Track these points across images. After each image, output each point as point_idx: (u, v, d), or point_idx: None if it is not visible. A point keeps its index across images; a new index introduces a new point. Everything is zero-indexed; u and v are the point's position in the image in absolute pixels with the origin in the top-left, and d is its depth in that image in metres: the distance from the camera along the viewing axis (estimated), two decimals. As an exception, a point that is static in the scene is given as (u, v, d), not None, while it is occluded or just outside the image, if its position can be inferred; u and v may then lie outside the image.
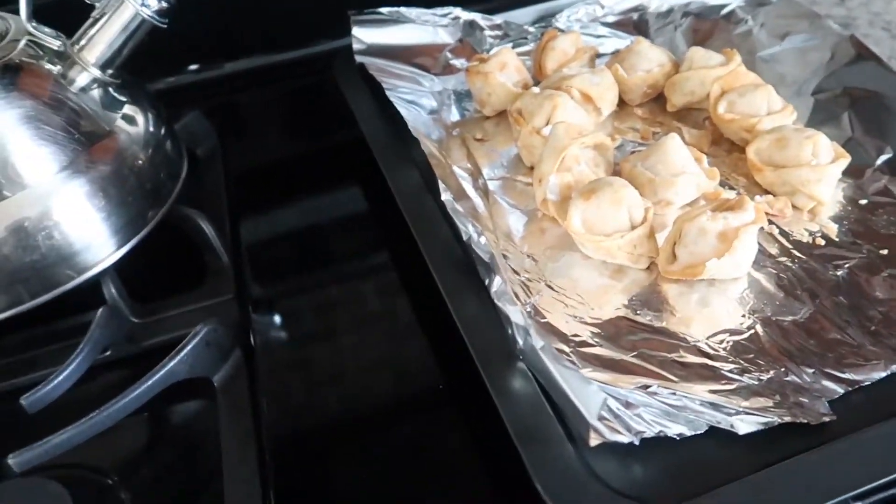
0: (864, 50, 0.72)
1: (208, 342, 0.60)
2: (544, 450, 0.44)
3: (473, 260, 0.56)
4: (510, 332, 0.49)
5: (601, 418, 0.44)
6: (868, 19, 0.97)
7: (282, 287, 0.73)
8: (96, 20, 0.66)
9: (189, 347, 0.59)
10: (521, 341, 0.48)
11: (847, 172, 0.65)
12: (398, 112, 0.74)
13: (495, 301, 0.50)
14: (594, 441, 0.42)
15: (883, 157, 0.65)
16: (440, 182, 0.61)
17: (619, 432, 0.44)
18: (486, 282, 0.52)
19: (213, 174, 0.86)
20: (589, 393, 0.44)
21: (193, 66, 1.02)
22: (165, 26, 0.67)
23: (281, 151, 0.94)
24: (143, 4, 0.65)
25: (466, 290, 0.55)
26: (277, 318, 0.69)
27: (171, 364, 0.58)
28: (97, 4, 0.66)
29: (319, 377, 0.62)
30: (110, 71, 0.67)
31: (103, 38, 0.65)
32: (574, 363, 0.50)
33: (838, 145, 0.64)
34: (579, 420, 0.43)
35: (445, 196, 0.59)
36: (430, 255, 0.58)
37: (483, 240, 0.56)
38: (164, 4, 0.67)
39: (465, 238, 0.56)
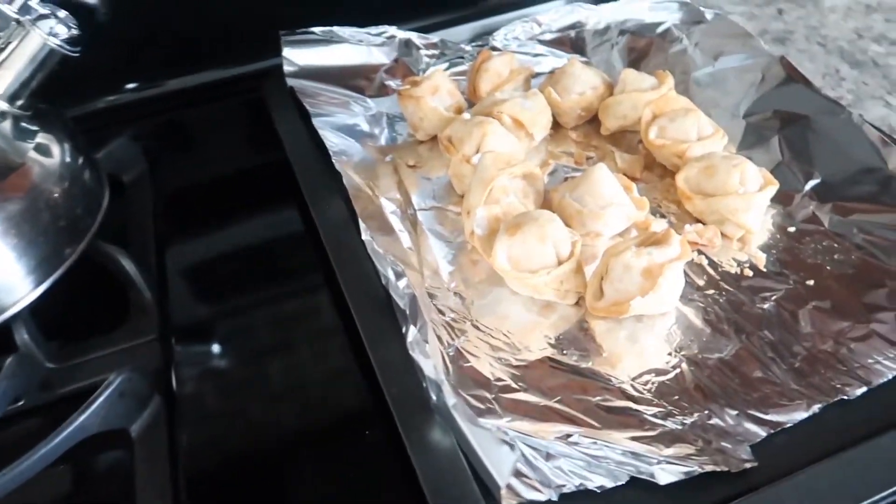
0: (794, 72, 0.72)
1: (122, 392, 0.57)
2: (460, 511, 0.42)
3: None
4: (425, 385, 0.47)
5: (518, 474, 0.43)
6: (805, 34, 0.97)
7: (210, 317, 0.70)
8: (0, 50, 0.63)
9: (100, 400, 0.56)
10: (434, 397, 0.46)
11: (777, 199, 0.65)
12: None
13: (409, 353, 0.48)
14: (507, 503, 0.41)
15: (811, 183, 0.65)
16: (360, 221, 0.59)
17: (536, 489, 0.43)
18: (404, 330, 0.50)
19: (139, 202, 0.83)
20: (501, 454, 0.42)
21: (131, 85, 0.98)
22: (77, 55, 0.64)
23: (215, 173, 0.90)
24: (50, 34, 0.62)
25: (388, 334, 0.53)
26: (204, 352, 0.67)
27: (81, 419, 0.55)
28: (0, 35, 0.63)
29: (246, 418, 0.59)
30: (20, 102, 0.64)
31: (10, 70, 0.62)
32: (495, 412, 0.49)
33: (767, 172, 0.64)
34: (491, 481, 0.41)
35: (365, 236, 0.57)
36: (352, 296, 0.56)
37: (403, 282, 0.54)
38: (75, 32, 0.64)
39: (383, 282, 0.54)
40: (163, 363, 0.63)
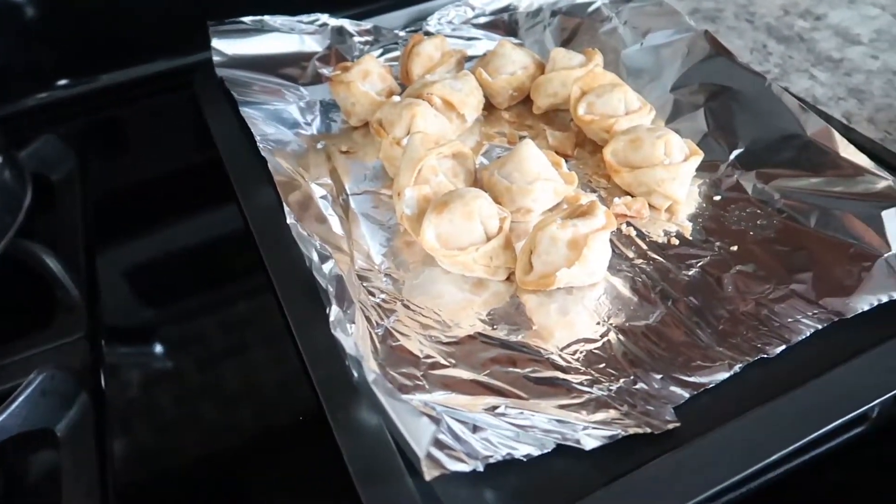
0: (718, 46, 0.73)
1: (44, 391, 0.56)
2: (384, 486, 0.42)
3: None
4: (347, 363, 0.47)
5: (443, 446, 0.43)
6: (734, 11, 0.99)
7: (146, 318, 0.69)
8: None
9: (21, 399, 0.54)
10: (355, 374, 0.46)
11: (703, 169, 0.66)
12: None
13: (332, 331, 0.47)
14: (429, 474, 0.40)
15: (735, 153, 0.66)
16: (286, 206, 0.58)
17: (461, 460, 0.42)
18: (327, 311, 0.50)
19: (68, 201, 0.81)
20: (421, 425, 0.42)
21: (62, 82, 0.95)
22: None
23: (151, 171, 0.88)
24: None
25: (315, 317, 0.52)
26: (136, 354, 0.65)
27: (1, 418, 0.53)
28: None
29: (181, 419, 0.58)
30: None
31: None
32: (423, 388, 0.49)
33: (692, 143, 0.65)
34: (413, 454, 0.41)
35: (290, 220, 0.57)
36: (279, 282, 0.56)
37: (329, 264, 0.54)
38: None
39: (308, 264, 0.54)
40: (90, 362, 0.61)
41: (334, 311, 0.48)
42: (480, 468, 0.43)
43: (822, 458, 0.48)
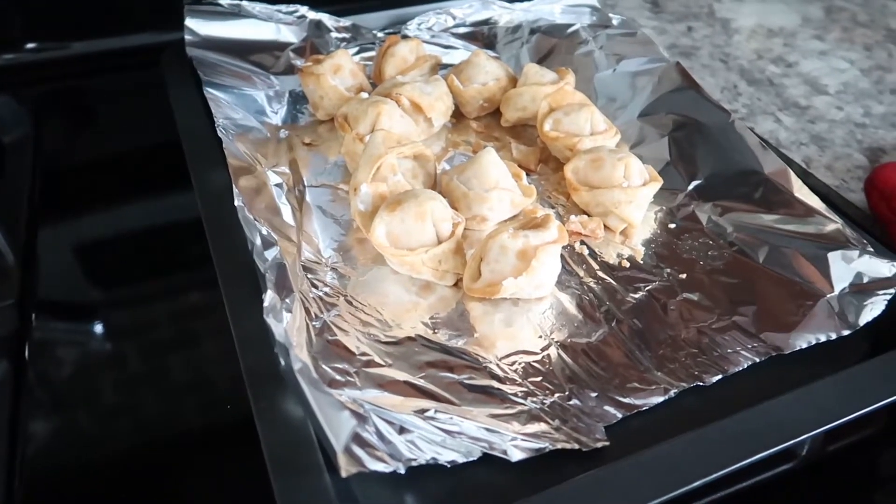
0: (688, 78, 0.74)
1: (-38, 353, 0.53)
2: (298, 479, 0.40)
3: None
4: (276, 350, 0.46)
5: (366, 445, 0.42)
6: (710, 51, 1.01)
7: (83, 296, 0.66)
8: None
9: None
10: (282, 362, 0.44)
11: (661, 196, 0.66)
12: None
13: (264, 317, 0.46)
14: (346, 471, 0.39)
15: (694, 183, 0.67)
16: (235, 188, 0.57)
17: (382, 461, 0.41)
18: (263, 296, 0.48)
19: (18, 165, 0.78)
20: (342, 419, 0.41)
21: (31, 45, 0.93)
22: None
23: (107, 147, 0.87)
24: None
25: (253, 305, 0.50)
26: (68, 330, 0.63)
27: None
28: None
29: (106, 401, 0.56)
30: None
31: None
32: (354, 384, 0.47)
33: (653, 169, 0.65)
34: (331, 449, 0.40)
35: (238, 202, 0.55)
36: (220, 266, 0.54)
37: (273, 251, 0.53)
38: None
39: (249, 247, 0.52)
40: (15, 330, 0.59)
41: (269, 297, 0.47)
42: (402, 470, 0.42)
43: (749, 491, 0.48)
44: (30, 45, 0.93)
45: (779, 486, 0.50)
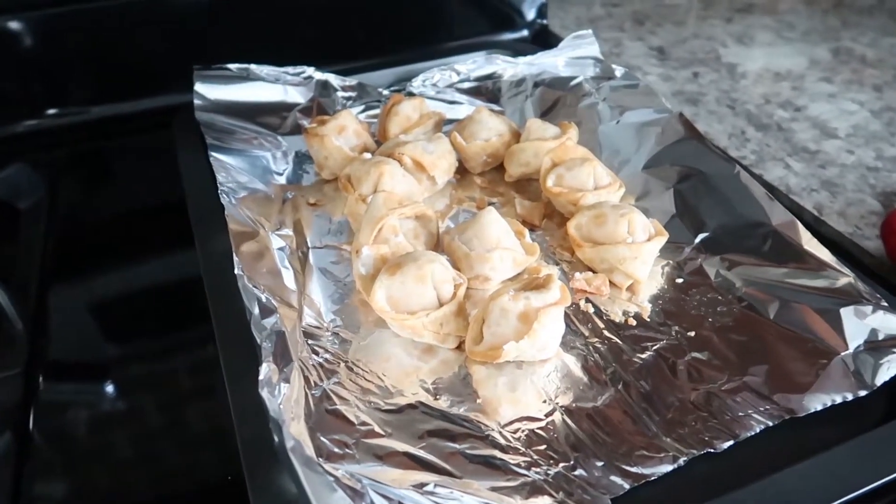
0: (691, 129, 0.73)
1: (-36, 427, 0.53)
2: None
3: (260, 342, 0.51)
4: (270, 426, 0.45)
5: (364, 523, 0.41)
6: (716, 97, 1.00)
7: (91, 357, 0.67)
8: None
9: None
10: (276, 438, 0.44)
11: (668, 250, 0.65)
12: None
13: (259, 391, 0.45)
14: (339, 555, 0.38)
15: (700, 236, 0.66)
16: (235, 256, 0.57)
17: (380, 540, 0.40)
18: (259, 368, 0.48)
19: (32, 231, 0.80)
20: (332, 502, 0.40)
21: (51, 111, 0.95)
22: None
23: (119, 208, 0.88)
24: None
25: (251, 375, 0.50)
26: (74, 392, 0.63)
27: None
28: None
29: (108, 462, 0.55)
30: None
31: None
32: (353, 457, 0.47)
33: (658, 223, 0.64)
34: (324, 531, 0.39)
35: (237, 271, 0.55)
36: (221, 334, 0.54)
37: (272, 319, 0.52)
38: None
39: (248, 318, 0.52)
40: (22, 400, 0.59)
41: (264, 370, 0.47)
42: (398, 549, 0.40)
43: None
44: (46, 112, 0.95)
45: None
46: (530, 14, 1.14)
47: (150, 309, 0.71)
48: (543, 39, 1.13)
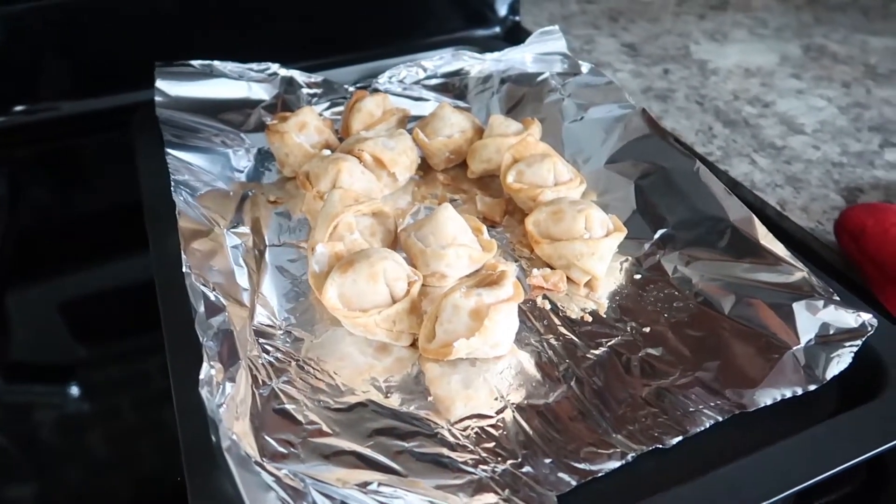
0: (654, 124, 0.73)
1: None
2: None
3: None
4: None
5: (304, 523, 0.40)
6: (685, 93, 1.00)
7: (55, 360, 0.66)
8: None
9: None
10: (213, 438, 0.43)
11: (628, 246, 0.65)
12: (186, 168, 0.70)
13: (199, 390, 0.45)
14: (273, 555, 0.38)
15: (660, 232, 0.65)
16: (183, 253, 0.56)
17: (317, 540, 0.40)
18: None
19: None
20: (266, 501, 0.39)
21: (19, 108, 0.94)
22: None
23: (81, 208, 0.87)
24: None
25: (197, 374, 0.49)
26: (38, 398, 0.62)
27: None
28: None
29: (78, 468, 0.54)
30: None
31: None
32: (297, 456, 0.46)
33: (617, 219, 0.64)
34: (257, 532, 0.38)
35: (185, 269, 0.55)
36: (169, 333, 0.53)
37: (219, 318, 0.52)
38: None
39: (193, 315, 0.51)
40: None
41: (205, 369, 0.46)
42: (338, 550, 0.40)
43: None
44: (13, 109, 0.94)
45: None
46: (503, 10, 1.13)
47: (111, 309, 0.70)
48: (516, 36, 1.12)
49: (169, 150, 0.70)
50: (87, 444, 0.56)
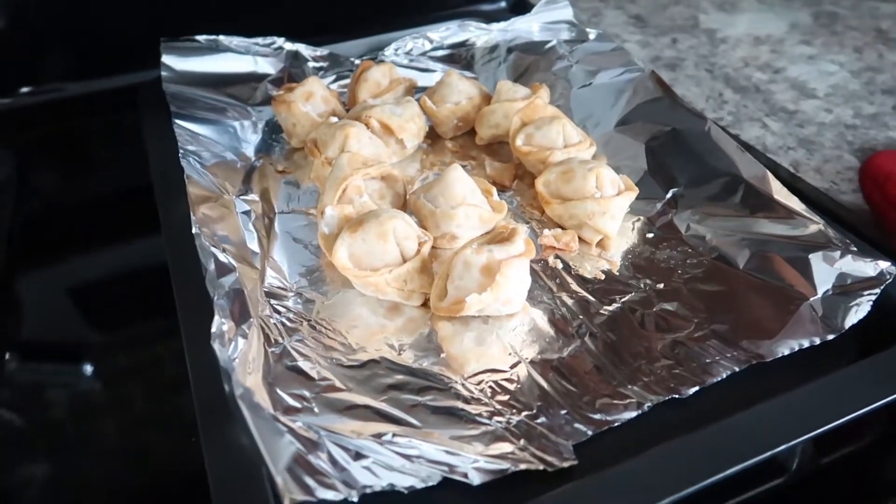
0: (664, 86, 0.72)
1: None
2: (243, 511, 0.39)
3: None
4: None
5: (317, 472, 0.40)
6: (695, 61, 0.99)
7: (64, 340, 0.66)
8: None
9: None
10: (227, 387, 0.43)
11: (639, 207, 0.64)
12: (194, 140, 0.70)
13: (211, 343, 0.44)
14: (290, 500, 0.37)
15: (672, 191, 0.65)
16: (192, 215, 0.56)
17: (333, 488, 0.39)
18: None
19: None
20: (281, 445, 0.39)
21: (25, 89, 0.94)
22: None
23: (92, 188, 0.87)
24: None
25: (209, 332, 0.49)
26: (48, 377, 0.62)
27: None
28: None
29: (89, 449, 0.54)
30: None
31: None
32: (311, 410, 0.46)
33: (628, 179, 0.64)
34: (273, 477, 0.38)
35: (195, 230, 0.54)
36: (180, 296, 0.53)
37: (230, 278, 0.51)
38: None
39: (203, 273, 0.51)
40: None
41: (216, 323, 0.46)
42: (354, 498, 0.40)
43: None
44: (19, 90, 0.94)
45: (770, 502, 0.47)
46: (508, -17, 1.12)
47: (122, 292, 0.70)
48: (522, 9, 1.11)
49: (177, 121, 0.70)
50: (98, 426, 0.56)
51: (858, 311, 0.50)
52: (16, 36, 0.90)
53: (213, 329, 0.45)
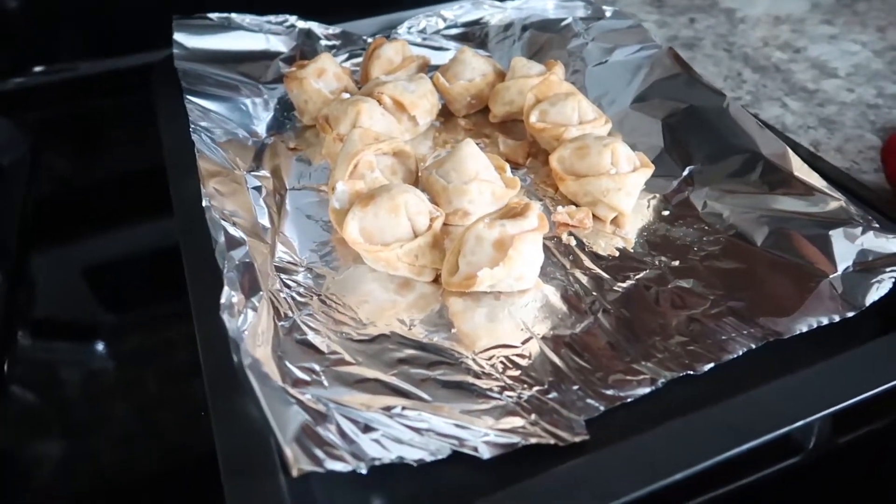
0: (681, 63, 0.71)
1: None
2: (250, 481, 0.38)
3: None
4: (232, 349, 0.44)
5: (325, 443, 0.39)
6: (713, 41, 0.98)
7: (77, 319, 0.66)
8: None
9: None
10: (235, 358, 0.42)
11: (655, 184, 0.63)
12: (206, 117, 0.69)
13: (220, 314, 0.44)
14: (297, 470, 0.37)
15: (688, 168, 0.64)
16: (202, 188, 0.56)
17: (342, 459, 0.39)
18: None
19: (13, 186, 0.79)
20: (289, 415, 0.39)
21: (31, 69, 0.94)
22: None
23: (107, 169, 0.87)
24: None
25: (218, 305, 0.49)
26: (70, 351, 0.62)
27: None
28: None
29: (101, 427, 0.54)
30: None
31: None
32: (320, 383, 0.45)
33: (644, 156, 0.62)
34: (282, 448, 0.37)
35: (205, 202, 0.54)
36: (190, 269, 0.53)
37: (241, 251, 0.51)
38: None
39: (213, 246, 0.51)
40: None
41: (225, 294, 0.45)
42: (363, 470, 0.39)
43: (754, 487, 0.45)
44: (33, 69, 0.94)
45: (785, 481, 0.46)
46: (522, -36, 1.10)
47: (133, 271, 0.70)
48: (536, -11, 1.10)
49: (189, 97, 0.70)
50: (110, 405, 0.56)
51: (880, 287, 0.49)
52: (29, 15, 0.90)
53: (223, 300, 0.45)
